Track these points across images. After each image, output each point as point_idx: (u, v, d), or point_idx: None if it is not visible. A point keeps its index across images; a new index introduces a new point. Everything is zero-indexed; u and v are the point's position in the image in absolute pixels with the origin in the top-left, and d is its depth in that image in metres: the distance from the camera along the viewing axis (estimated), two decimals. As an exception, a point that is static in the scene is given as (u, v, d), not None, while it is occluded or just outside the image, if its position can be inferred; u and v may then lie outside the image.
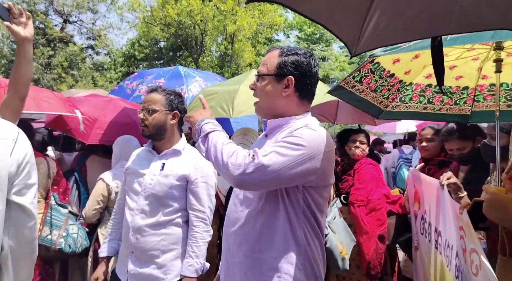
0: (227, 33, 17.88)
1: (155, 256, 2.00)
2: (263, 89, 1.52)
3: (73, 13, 20.21)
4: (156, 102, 2.09)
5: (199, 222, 2.03)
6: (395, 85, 2.51)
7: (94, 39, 21.13)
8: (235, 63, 18.25)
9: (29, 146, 1.21)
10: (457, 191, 1.96)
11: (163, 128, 2.10)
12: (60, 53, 19.19)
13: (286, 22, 24.22)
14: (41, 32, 18.77)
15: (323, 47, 25.52)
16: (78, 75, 19.95)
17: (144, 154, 2.19)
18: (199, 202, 2.05)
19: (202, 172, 2.09)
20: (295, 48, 1.54)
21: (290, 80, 1.48)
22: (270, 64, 1.51)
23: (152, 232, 2.00)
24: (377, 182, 2.95)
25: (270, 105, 1.54)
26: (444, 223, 1.95)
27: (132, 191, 2.11)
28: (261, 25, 19.07)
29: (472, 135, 2.41)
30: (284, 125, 1.52)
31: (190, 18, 17.39)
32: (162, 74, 4.65)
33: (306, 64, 1.50)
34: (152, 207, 2.02)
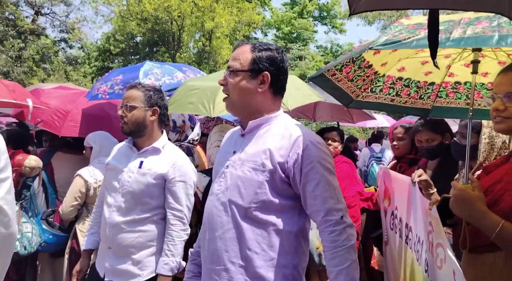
0: (205, 29, 17.79)
1: (131, 252, 2.00)
2: (236, 85, 1.46)
3: (45, 5, 19.57)
4: (135, 98, 2.06)
5: (176, 221, 2.02)
6: (370, 76, 2.56)
7: (68, 32, 20.53)
8: (212, 60, 18.18)
9: (1, 139, 1.17)
10: (427, 188, 2.03)
11: (142, 125, 2.07)
12: (32, 46, 18.55)
13: (264, 20, 24.29)
14: (11, 24, 18.07)
15: (300, 46, 25.74)
16: (50, 69, 19.36)
17: (125, 150, 2.16)
18: (177, 200, 2.03)
19: (181, 170, 2.07)
20: (267, 44, 1.50)
21: (266, 76, 1.44)
22: (244, 59, 1.46)
23: (128, 229, 1.99)
24: (351, 180, 3.00)
25: (244, 102, 1.47)
26: (415, 218, 2.02)
27: (110, 187, 2.09)
28: (239, 23, 19.07)
29: (442, 130, 2.51)
30: (264, 124, 1.49)
31: (168, 14, 17.19)
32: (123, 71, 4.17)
33: (279, 59, 1.47)
34: (129, 204, 2.01)
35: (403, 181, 2.21)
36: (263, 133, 1.47)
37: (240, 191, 1.41)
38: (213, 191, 1.51)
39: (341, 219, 1.35)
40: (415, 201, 2.01)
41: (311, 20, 27.60)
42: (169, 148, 2.15)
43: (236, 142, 1.54)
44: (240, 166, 1.44)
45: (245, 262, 1.38)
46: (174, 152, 2.15)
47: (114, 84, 3.89)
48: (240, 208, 1.40)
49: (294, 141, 1.40)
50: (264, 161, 1.40)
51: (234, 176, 1.44)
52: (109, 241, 2.03)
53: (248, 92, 1.46)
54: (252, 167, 1.41)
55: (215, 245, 1.43)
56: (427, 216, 1.76)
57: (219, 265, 1.41)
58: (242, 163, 1.44)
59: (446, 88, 2.67)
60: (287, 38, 26.29)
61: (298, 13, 26.88)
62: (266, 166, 1.39)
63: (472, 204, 1.34)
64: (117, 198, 2.03)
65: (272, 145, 1.42)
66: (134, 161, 2.07)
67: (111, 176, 2.11)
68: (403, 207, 2.21)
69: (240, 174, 1.42)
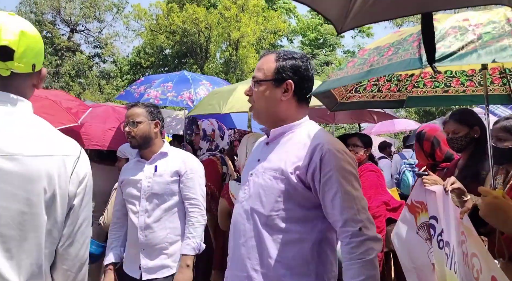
0: (232, 39, 18.01)
1: (164, 248, 2.25)
2: (261, 95, 1.49)
3: (80, 22, 20.49)
4: (139, 115, 2.33)
5: (194, 208, 2.30)
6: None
7: (101, 47, 21.37)
8: (239, 69, 18.35)
9: (89, 166, 1.22)
10: (461, 195, 1.96)
11: (149, 137, 2.33)
12: (68, 62, 19.42)
13: (289, 27, 24.34)
14: (49, 42, 19.02)
15: (327, 52, 25.57)
16: (85, 83, 20.16)
17: (134, 165, 2.41)
18: (191, 190, 2.30)
19: (190, 165, 2.35)
20: (291, 52, 1.53)
21: (290, 85, 1.46)
22: (267, 69, 1.48)
23: (159, 228, 2.24)
24: (376, 189, 2.93)
25: (269, 111, 1.51)
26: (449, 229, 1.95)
27: (131, 197, 2.32)
28: (265, 31, 19.19)
29: (469, 122, 2.43)
30: (287, 132, 1.50)
31: (195, 26, 17.56)
32: (170, 78, 4.75)
33: (304, 68, 1.49)
34: (154, 205, 2.26)
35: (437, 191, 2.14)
36: (286, 141, 1.48)
37: (261, 199, 1.42)
38: (239, 199, 1.54)
39: (359, 231, 1.31)
40: (449, 210, 1.95)
41: (337, 26, 27.41)
42: (174, 150, 2.45)
43: (262, 150, 1.57)
44: (262, 174, 1.45)
45: (267, 270, 1.38)
46: (179, 151, 2.47)
47: (165, 91, 4.24)
48: (261, 216, 1.41)
49: (313, 148, 1.39)
50: (284, 169, 1.40)
51: (257, 184, 1.45)
52: (141, 244, 2.24)
53: (272, 101, 1.48)
54: (272, 175, 1.42)
55: (239, 252, 1.45)
56: (459, 226, 1.70)
57: (243, 272, 1.43)
58: (264, 171, 1.45)
59: (424, 78, 2.61)
60: (314, 44, 26.20)
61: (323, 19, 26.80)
62: (286, 174, 1.39)
63: (507, 212, 1.28)
64: (142, 204, 2.27)
65: (292, 153, 1.42)
66: (148, 167, 2.32)
67: (129, 189, 2.34)
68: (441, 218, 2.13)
69: (261, 182, 1.44)
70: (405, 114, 19.66)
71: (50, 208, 1.09)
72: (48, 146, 1.11)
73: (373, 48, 1.97)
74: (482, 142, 2.37)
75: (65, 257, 1.16)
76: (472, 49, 1.48)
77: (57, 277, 1.17)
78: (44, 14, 19.22)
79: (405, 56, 1.56)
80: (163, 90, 4.32)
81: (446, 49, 1.49)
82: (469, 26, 1.58)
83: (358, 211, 1.34)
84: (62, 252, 1.15)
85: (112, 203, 2.94)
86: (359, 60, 1.94)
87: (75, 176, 1.14)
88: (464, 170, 2.37)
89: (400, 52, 1.53)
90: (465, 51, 1.48)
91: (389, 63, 1.61)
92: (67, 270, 1.17)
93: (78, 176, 1.15)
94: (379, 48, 1.87)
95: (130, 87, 5.13)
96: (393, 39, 1.84)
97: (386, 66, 1.62)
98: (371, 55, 1.86)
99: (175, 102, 4.32)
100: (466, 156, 2.45)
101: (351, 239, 1.31)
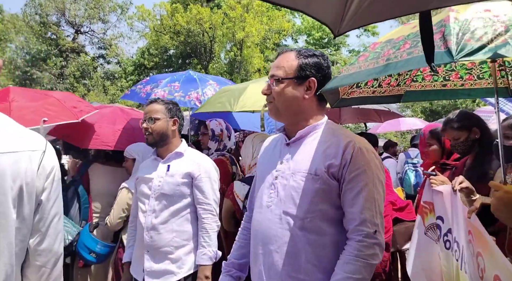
0: (236, 39, 18.02)
1: (169, 252, 2.14)
2: (282, 92, 1.44)
3: (85, 24, 20.61)
4: (157, 111, 2.27)
5: (207, 214, 2.19)
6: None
7: (105, 48, 21.48)
8: (244, 69, 18.35)
9: (56, 159, 1.21)
10: (469, 194, 1.94)
11: (165, 135, 2.27)
12: (72, 63, 19.54)
13: (294, 27, 24.30)
14: (54, 43, 19.15)
15: (332, 51, 25.50)
16: (90, 85, 20.26)
17: (151, 163, 2.34)
18: (204, 195, 2.21)
19: (205, 168, 2.25)
20: (311, 50, 1.50)
21: (313, 82, 1.43)
22: (288, 67, 1.44)
23: (165, 230, 2.15)
24: (383, 189, 2.92)
25: (291, 109, 1.46)
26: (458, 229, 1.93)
27: (142, 195, 2.26)
28: (270, 31, 19.17)
29: (467, 125, 2.42)
30: (312, 132, 1.46)
31: (199, 26, 17.58)
32: (176, 78, 4.73)
33: (325, 66, 1.48)
34: (162, 206, 2.17)
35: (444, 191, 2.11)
36: (311, 141, 1.44)
37: (294, 202, 1.37)
38: (262, 203, 1.47)
39: (374, 233, 1.30)
40: (457, 209, 1.92)
41: (342, 25, 27.33)
42: (190, 151, 2.36)
43: (281, 151, 1.50)
44: (292, 176, 1.40)
45: (304, 276, 1.34)
46: (196, 153, 2.36)
47: (172, 90, 4.23)
48: (296, 219, 1.36)
49: (344, 146, 1.36)
50: (317, 168, 1.36)
51: (288, 186, 1.40)
52: (146, 246, 2.17)
53: (295, 99, 1.44)
54: (304, 175, 1.38)
55: (271, 259, 1.39)
56: (467, 225, 1.68)
57: (278, 280, 1.37)
58: (293, 173, 1.40)
59: (423, 72, 2.55)
60: (318, 43, 26.14)
61: (324, 20, 26.70)
62: (318, 173, 1.35)
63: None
64: (150, 202, 2.20)
65: (322, 152, 1.39)
66: (161, 166, 2.26)
67: (142, 186, 2.29)
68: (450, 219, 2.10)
69: (293, 184, 1.39)
70: (411, 114, 19.57)
71: (18, 205, 1.08)
72: (12, 142, 1.10)
73: (384, 41, 1.91)
74: (485, 141, 2.37)
75: (38, 253, 1.15)
76: (503, 42, 1.42)
77: (31, 274, 1.16)
78: (49, 15, 19.34)
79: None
80: (170, 90, 4.30)
81: (476, 42, 1.43)
82: (493, 17, 1.53)
83: (376, 214, 1.31)
84: (34, 248, 1.14)
85: (118, 203, 2.93)
86: (371, 54, 1.88)
87: (41, 170, 1.13)
88: (470, 170, 2.35)
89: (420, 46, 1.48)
90: (494, 44, 1.42)
91: (410, 57, 1.56)
92: (42, 266, 1.16)
93: (45, 170, 1.14)
94: (392, 41, 1.81)
95: (135, 86, 5.08)
96: (407, 31, 1.78)
97: (407, 60, 1.57)
98: (384, 48, 1.80)
99: (182, 102, 4.28)
100: (472, 157, 2.45)
101: (364, 238, 1.28)
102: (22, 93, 3.04)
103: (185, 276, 2.14)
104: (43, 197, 1.14)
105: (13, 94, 2.91)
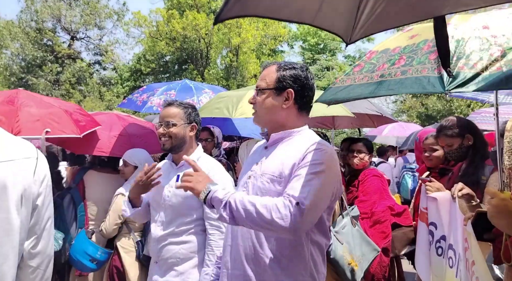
0: (232, 45, 18.06)
1: (174, 263, 2.09)
2: (263, 102, 1.57)
3: (81, 30, 20.62)
4: (175, 116, 2.15)
5: (214, 230, 2.07)
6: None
7: (101, 54, 21.47)
8: (240, 75, 18.39)
9: (47, 165, 1.27)
10: (470, 200, 1.95)
11: (183, 141, 2.16)
12: (68, 70, 19.50)
13: (290, 33, 24.41)
14: (49, 49, 19.11)
15: (328, 57, 25.62)
16: (86, 91, 20.21)
17: (167, 167, 2.24)
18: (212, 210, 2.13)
19: (217, 179, 2.13)
20: (291, 63, 1.60)
21: (290, 93, 1.54)
22: (269, 79, 1.57)
23: (171, 241, 2.09)
24: (381, 194, 2.93)
25: (270, 118, 1.59)
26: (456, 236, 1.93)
27: (154, 203, 2.20)
28: (266, 37, 19.25)
29: (459, 132, 2.42)
30: (286, 138, 1.58)
31: (195, 32, 17.61)
32: (172, 86, 4.84)
33: (303, 77, 1.56)
34: (170, 218, 2.10)
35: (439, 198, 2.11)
36: (285, 146, 1.56)
37: None
38: None
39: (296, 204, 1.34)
40: (455, 217, 1.92)
41: (337, 31, 27.44)
42: (204, 158, 2.23)
43: (260, 154, 1.65)
44: (260, 177, 1.53)
45: (263, 270, 1.46)
46: (209, 162, 2.22)
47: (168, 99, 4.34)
48: None
49: (305, 150, 1.47)
50: (281, 172, 1.48)
51: (255, 186, 1.53)
52: (155, 256, 2.15)
53: (274, 108, 1.56)
54: (270, 178, 1.50)
55: (236, 251, 1.53)
56: (464, 233, 1.68)
57: (240, 271, 1.51)
58: (262, 174, 1.53)
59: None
60: (314, 49, 26.25)
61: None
62: (283, 176, 1.47)
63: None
64: (161, 213, 2.14)
65: (289, 158, 1.49)
66: (174, 175, 2.16)
67: (156, 193, 2.19)
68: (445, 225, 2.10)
69: (259, 185, 1.52)
70: (407, 119, 19.65)
71: (19, 211, 1.15)
72: (9, 150, 1.16)
73: (380, 50, 1.91)
74: (478, 147, 2.39)
75: (34, 255, 1.22)
76: (497, 70, 1.39)
77: (26, 276, 1.22)
78: (44, 22, 19.32)
79: (422, 72, 1.51)
80: (166, 99, 4.36)
81: (469, 70, 1.41)
82: (491, 37, 1.51)
83: (307, 196, 1.36)
84: (29, 251, 1.21)
85: (113, 210, 2.91)
86: (366, 65, 1.88)
87: (36, 177, 1.20)
88: (463, 177, 2.36)
89: (415, 65, 1.48)
90: (489, 73, 1.40)
91: (404, 77, 1.56)
92: (37, 267, 1.23)
93: (39, 176, 1.21)
94: (388, 52, 1.81)
95: (132, 95, 5.18)
96: (404, 42, 1.78)
97: (400, 80, 1.57)
98: (380, 60, 1.80)
99: None
100: (466, 163, 2.46)
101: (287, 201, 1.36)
102: (31, 99, 2.99)
103: None
104: (38, 201, 1.21)
105: (23, 99, 2.87)
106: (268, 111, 1.57)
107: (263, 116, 1.60)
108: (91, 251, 2.89)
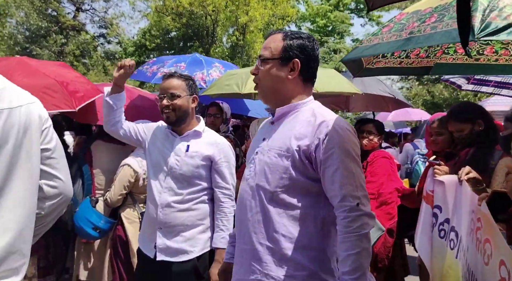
0: (239, 24, 17.80)
1: (183, 230, 2.13)
2: (267, 73, 1.51)
3: (86, 1, 20.30)
4: (178, 87, 2.16)
5: (226, 198, 2.19)
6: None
7: (106, 27, 21.20)
8: (246, 54, 18.20)
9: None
10: (476, 184, 1.94)
11: (186, 113, 2.18)
12: (72, 41, 19.30)
13: (298, 13, 24.03)
14: (54, 20, 18.87)
15: (336, 40, 25.29)
16: (89, 64, 20.07)
17: (164, 135, 2.25)
18: (224, 180, 2.19)
19: (224, 152, 2.22)
20: (298, 32, 1.55)
21: (296, 64, 1.49)
22: (274, 48, 1.51)
23: (180, 208, 2.13)
24: (389, 176, 2.93)
25: (275, 89, 1.53)
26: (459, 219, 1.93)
27: (157, 171, 2.19)
28: (274, 16, 18.94)
29: (469, 118, 2.39)
30: (292, 111, 1.53)
31: (202, 8, 17.33)
32: (182, 59, 4.89)
33: (310, 48, 1.51)
34: (180, 185, 2.14)
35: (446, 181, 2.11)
36: (291, 120, 1.52)
37: (266, 176, 1.47)
38: (245, 176, 1.59)
39: (356, 206, 1.36)
40: (461, 200, 1.92)
41: (347, 13, 26.98)
42: (208, 131, 2.30)
43: (267, 129, 1.61)
44: (267, 152, 1.50)
45: (272, 244, 1.44)
46: (214, 134, 2.30)
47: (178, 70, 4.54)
48: (266, 192, 1.46)
49: (317, 126, 1.43)
50: (288, 147, 1.44)
51: (262, 161, 1.50)
52: (159, 223, 2.14)
53: (279, 79, 1.51)
54: (277, 152, 1.47)
55: (245, 226, 1.52)
56: (476, 212, 1.68)
57: (248, 245, 1.49)
58: (269, 149, 1.50)
59: (456, 44, 2.47)
60: (322, 31, 25.88)
61: (334, 5, 26.36)
62: (290, 151, 1.44)
63: None
64: (167, 180, 2.15)
65: (297, 131, 1.46)
66: (179, 144, 2.18)
67: (158, 160, 2.20)
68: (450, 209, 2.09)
69: (267, 160, 1.49)
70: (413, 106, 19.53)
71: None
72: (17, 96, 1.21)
73: (411, 11, 1.85)
74: (489, 131, 2.36)
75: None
76: None
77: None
78: (50, -9, 19.00)
79: (453, 25, 1.46)
80: (176, 70, 4.44)
81: (501, 21, 1.38)
82: None
83: (356, 187, 1.38)
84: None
85: (119, 179, 2.92)
86: (395, 25, 1.83)
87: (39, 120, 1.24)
88: (472, 161, 2.34)
89: (446, 20, 1.43)
90: None
91: (433, 32, 1.52)
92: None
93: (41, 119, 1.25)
94: (419, 12, 1.76)
95: (142, 66, 5.28)
96: (436, 3, 1.72)
97: (429, 35, 1.52)
98: (410, 20, 1.75)
99: None
100: (475, 148, 2.44)
101: (348, 214, 1.35)
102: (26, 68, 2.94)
103: (198, 255, 2.15)
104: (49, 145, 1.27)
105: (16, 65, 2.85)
106: (273, 82, 1.52)
107: (268, 88, 1.54)
108: (94, 219, 2.90)
